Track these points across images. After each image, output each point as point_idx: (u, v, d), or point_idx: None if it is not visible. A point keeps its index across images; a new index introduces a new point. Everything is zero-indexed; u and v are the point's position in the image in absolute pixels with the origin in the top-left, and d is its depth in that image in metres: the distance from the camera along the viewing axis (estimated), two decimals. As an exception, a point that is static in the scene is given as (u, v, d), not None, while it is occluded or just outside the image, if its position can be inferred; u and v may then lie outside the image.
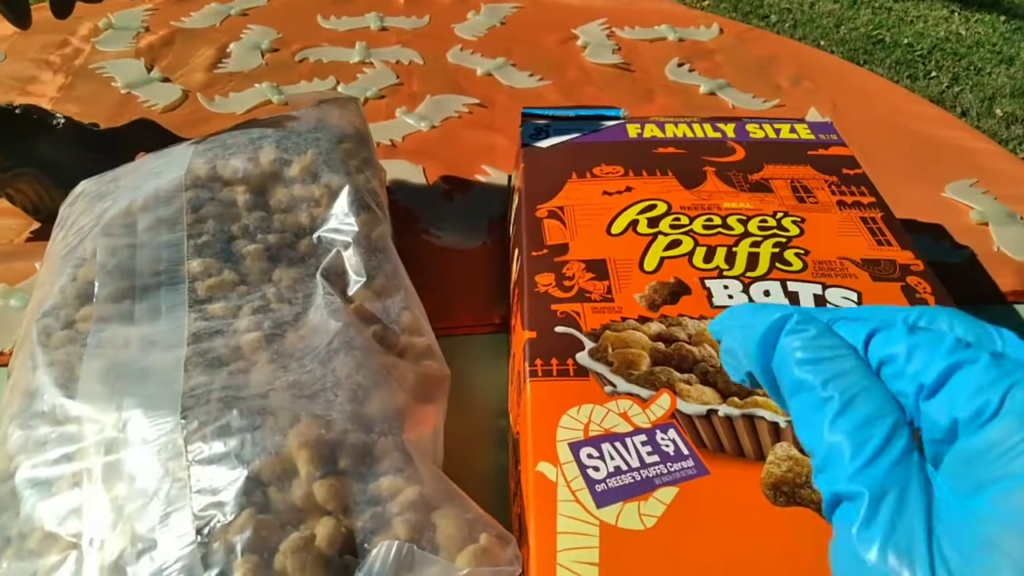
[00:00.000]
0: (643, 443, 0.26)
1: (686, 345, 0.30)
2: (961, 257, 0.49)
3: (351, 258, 0.34)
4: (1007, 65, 1.89)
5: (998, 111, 1.70)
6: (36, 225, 0.48)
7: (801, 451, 0.26)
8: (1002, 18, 2.11)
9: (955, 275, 0.46)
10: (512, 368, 0.35)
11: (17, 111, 0.46)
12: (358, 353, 0.29)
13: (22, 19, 0.38)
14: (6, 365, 0.38)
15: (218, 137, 0.39)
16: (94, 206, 0.36)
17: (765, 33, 0.79)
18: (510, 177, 0.52)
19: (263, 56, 0.69)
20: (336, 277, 0.34)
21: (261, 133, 0.38)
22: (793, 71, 0.70)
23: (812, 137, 0.45)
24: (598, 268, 0.34)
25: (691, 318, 0.32)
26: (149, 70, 0.66)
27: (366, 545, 0.23)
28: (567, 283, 0.34)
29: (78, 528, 0.24)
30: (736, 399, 0.28)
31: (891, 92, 0.69)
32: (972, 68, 1.90)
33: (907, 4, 2.20)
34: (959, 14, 2.15)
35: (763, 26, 1.92)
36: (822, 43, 1.94)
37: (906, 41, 2.00)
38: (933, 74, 1.86)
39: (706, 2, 2.08)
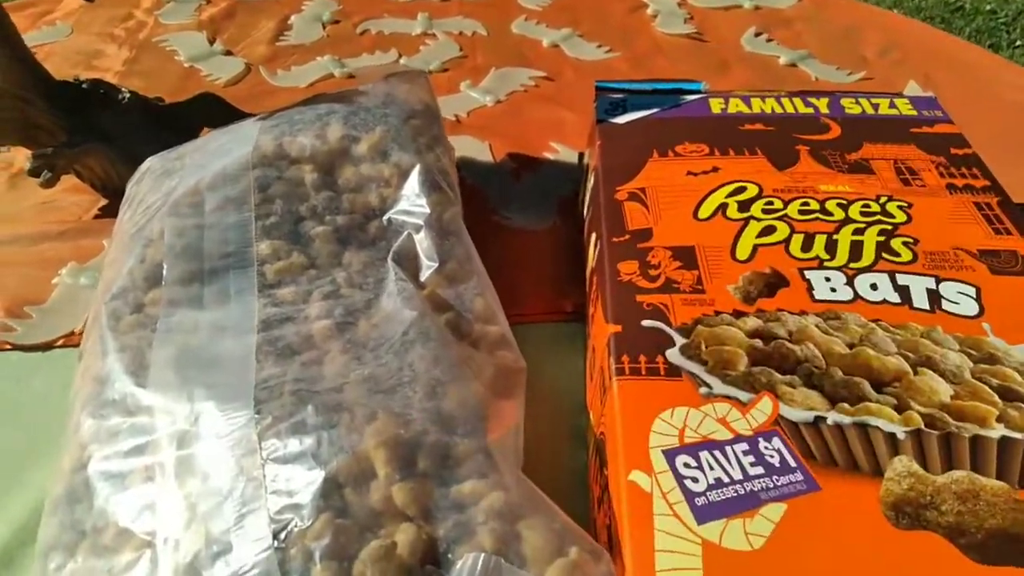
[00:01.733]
0: (745, 452, 0.24)
1: (787, 343, 0.28)
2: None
3: (423, 241, 0.33)
4: (1100, 33, 1.76)
5: (1089, 82, 1.59)
6: (103, 202, 0.47)
7: (924, 466, 0.24)
8: (1095, -18, 1.97)
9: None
10: (592, 363, 0.33)
11: (84, 86, 0.45)
12: (434, 345, 0.27)
13: None
14: (78, 345, 0.38)
15: (285, 113, 0.37)
16: (161, 184, 0.35)
17: (848, 0, 0.74)
18: (581, 155, 0.50)
19: (324, 28, 0.67)
20: (408, 261, 0.32)
21: (329, 109, 0.37)
22: (880, 41, 0.65)
23: (915, 113, 0.41)
24: (686, 256, 0.32)
25: (791, 313, 0.29)
26: (211, 43, 0.65)
27: (449, 555, 0.22)
28: (653, 272, 0.32)
29: (152, 526, 0.23)
30: (846, 405, 0.25)
31: (989, 62, 0.64)
32: (1060, 36, 1.78)
33: (988, -32, 2.07)
34: (1046, -22, 2.01)
35: (833, -7, 1.83)
36: (896, 11, 1.84)
37: (988, 8, 1.88)
38: (1018, 43, 1.75)
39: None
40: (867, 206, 0.34)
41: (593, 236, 0.37)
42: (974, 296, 0.30)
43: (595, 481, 0.29)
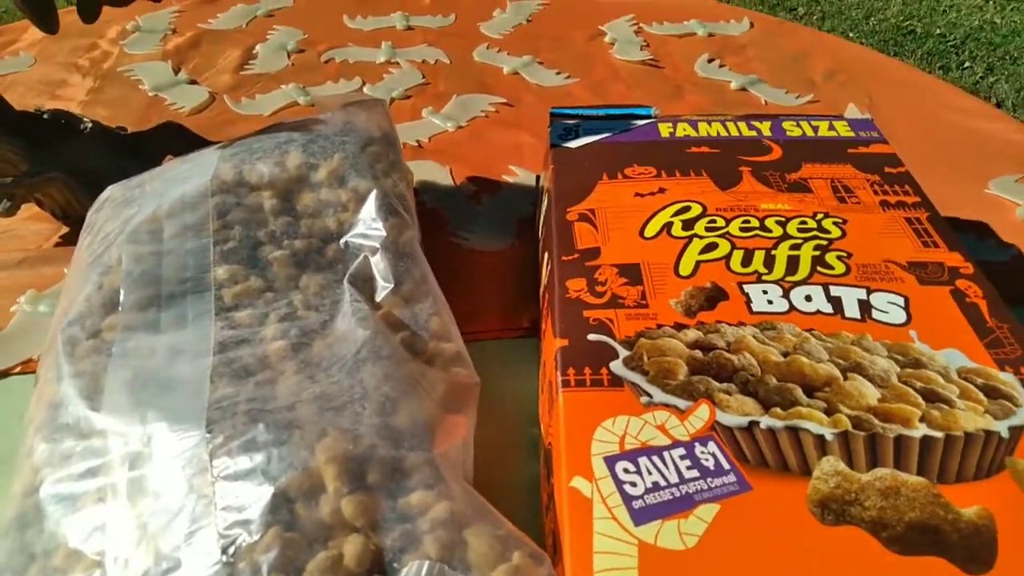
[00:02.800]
0: (682, 457, 0.25)
1: (725, 353, 0.29)
2: (1008, 256, 0.47)
3: (379, 264, 0.34)
4: (1046, 55, 1.83)
5: (1037, 102, 1.65)
6: (65, 230, 0.48)
7: (851, 466, 0.25)
8: (1040, 6, 2.05)
9: (1002, 275, 0.44)
10: (543, 376, 0.34)
11: (45, 116, 0.46)
12: (386, 363, 0.28)
13: (48, 23, 0.38)
14: (35, 372, 0.39)
15: (244, 141, 0.38)
16: (120, 212, 0.36)
17: (797, 26, 0.77)
18: (538, 178, 0.51)
19: (289, 57, 0.69)
20: (364, 283, 0.33)
21: (288, 137, 0.38)
22: (827, 65, 0.68)
23: (852, 134, 0.43)
24: (632, 273, 0.33)
25: (729, 325, 0.30)
26: (176, 72, 0.66)
27: (395, 564, 0.22)
28: (599, 288, 0.33)
29: (102, 546, 0.23)
30: (779, 410, 0.27)
31: (929, 84, 0.67)
32: (1008, 58, 1.85)
33: (939, -7, 2.14)
34: (994, 2, 2.09)
35: (791, 19, 1.89)
36: (851, 35, 1.90)
37: (938, 31, 1.95)
38: (967, 65, 1.82)
39: (733, -5, 2.05)
40: (804, 223, 0.36)
41: (546, 255, 0.38)
42: (902, 305, 0.31)
43: (544, 489, 0.30)
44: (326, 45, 0.70)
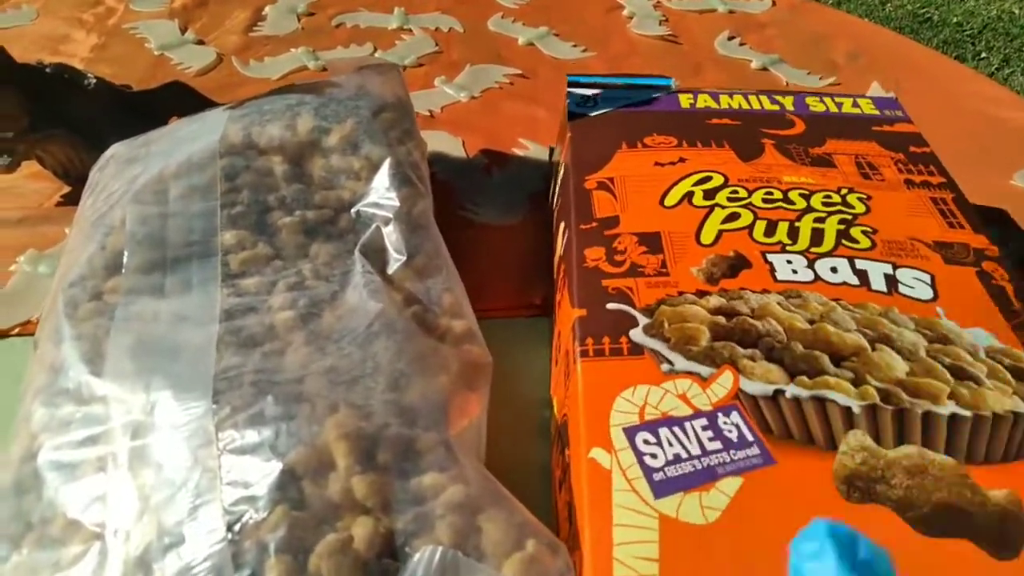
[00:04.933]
0: (704, 428, 0.25)
1: (749, 319, 0.28)
2: (1032, 248, 0.46)
3: (391, 235, 0.33)
4: (1064, 47, 1.81)
5: (1053, 96, 1.63)
6: (67, 189, 0.46)
7: (877, 441, 0.24)
8: (1060, -2, 2.02)
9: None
10: (557, 348, 0.33)
11: (48, 70, 0.44)
12: (400, 337, 0.27)
13: None
14: (33, 334, 0.37)
15: (255, 102, 0.37)
16: (125, 171, 0.35)
17: (820, 7, 0.75)
18: (552, 150, 0.50)
19: (299, 20, 0.67)
20: (375, 254, 0.32)
21: (299, 99, 0.37)
22: (850, 46, 0.66)
23: (876, 112, 0.42)
24: (651, 241, 0.32)
25: (753, 292, 0.30)
26: (183, 32, 0.64)
27: (407, 548, 0.21)
28: (618, 257, 0.32)
29: (102, 517, 0.22)
30: (805, 379, 0.26)
31: (954, 71, 0.65)
32: (1025, 50, 1.82)
33: (958, -19, 2.11)
34: (1013, -8, 2.06)
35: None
36: (867, 20, 1.87)
37: (955, 20, 1.92)
38: (983, 55, 1.79)
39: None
40: (828, 197, 0.35)
41: (562, 225, 0.37)
42: (929, 282, 0.30)
43: (556, 465, 0.29)
44: (337, 9, 0.68)
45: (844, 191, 0.35)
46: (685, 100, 0.43)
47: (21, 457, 0.25)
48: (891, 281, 0.30)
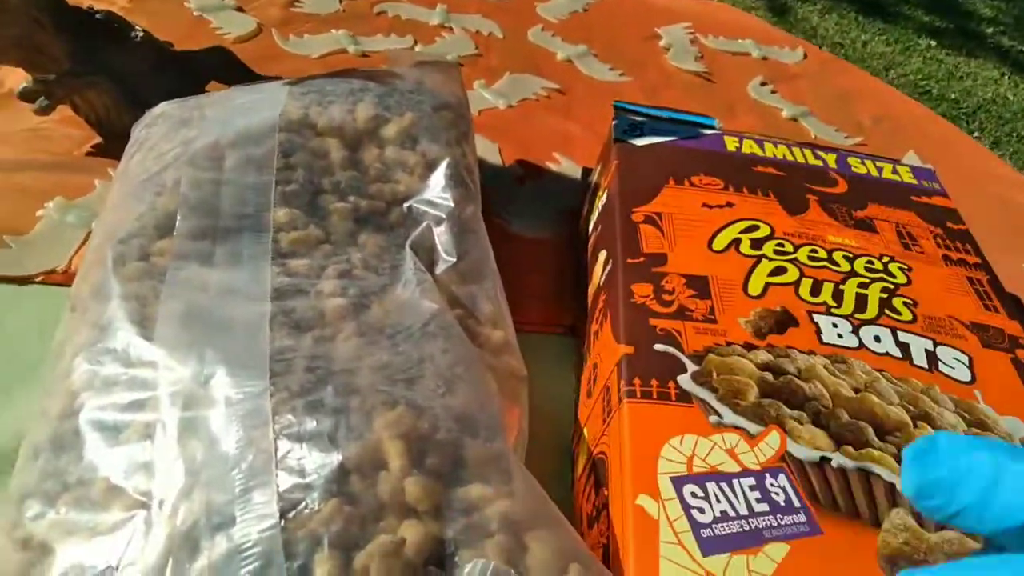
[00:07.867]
0: (751, 487, 0.25)
1: (796, 379, 0.28)
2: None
3: (442, 235, 0.32)
4: (1053, 138, 1.87)
5: (1038, 182, 1.69)
6: (97, 139, 0.45)
7: (918, 520, 0.24)
8: (1054, 90, 2.09)
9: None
10: (591, 380, 0.33)
11: (98, 16, 0.43)
12: (456, 341, 0.27)
13: None
14: (59, 284, 0.36)
15: (316, 81, 0.36)
16: (177, 132, 0.34)
17: (848, 65, 0.77)
18: (588, 171, 0.50)
19: (341, 2, 0.66)
20: (424, 252, 0.32)
21: (363, 85, 0.36)
22: (873, 109, 0.68)
23: (915, 182, 0.43)
24: (700, 285, 0.32)
25: (800, 351, 0.30)
26: (223, -5, 0.63)
27: (456, 559, 0.21)
28: (667, 297, 0.32)
29: (147, 486, 0.22)
30: (851, 448, 0.26)
31: (973, 149, 0.67)
32: (1015, 135, 1.88)
33: (959, 58, 2.17)
34: (1009, 78, 2.12)
35: (818, 56, 1.89)
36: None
37: (953, 96, 1.98)
38: (975, 135, 1.84)
39: (764, 22, 2.05)
40: (871, 262, 0.35)
41: (603, 254, 0.37)
42: (967, 364, 0.31)
43: (586, 499, 0.29)
44: (379, -4, 0.68)
45: (886, 259, 0.36)
46: (731, 143, 0.43)
47: (60, 414, 0.24)
48: (932, 358, 0.31)
